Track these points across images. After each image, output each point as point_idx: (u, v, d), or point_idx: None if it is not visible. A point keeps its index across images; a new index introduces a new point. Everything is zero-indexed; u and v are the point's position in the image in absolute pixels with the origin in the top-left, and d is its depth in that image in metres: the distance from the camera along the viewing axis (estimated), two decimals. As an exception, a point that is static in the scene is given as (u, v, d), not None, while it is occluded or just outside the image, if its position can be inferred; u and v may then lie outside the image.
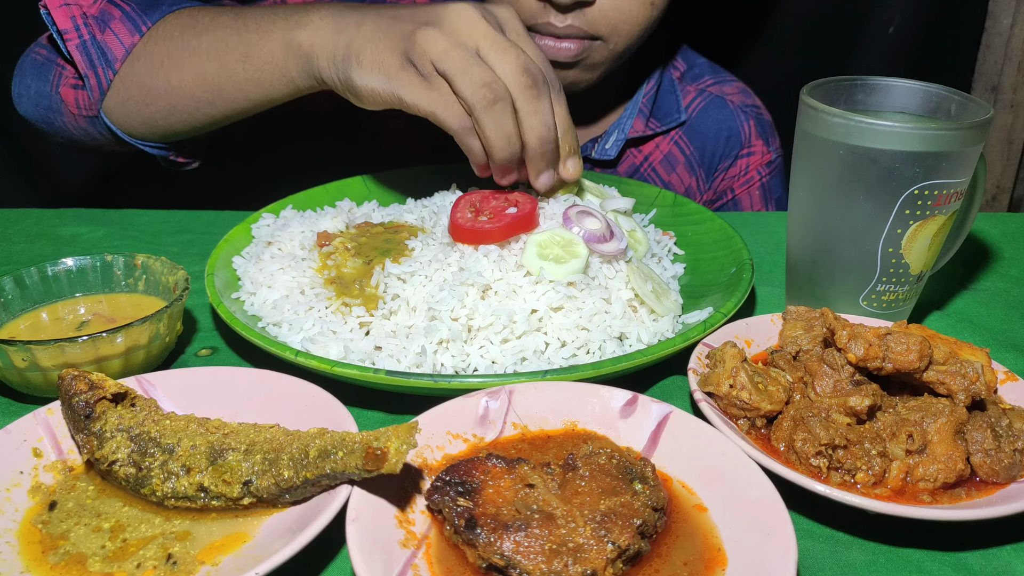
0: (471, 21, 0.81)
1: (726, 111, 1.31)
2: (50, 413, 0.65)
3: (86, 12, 1.00)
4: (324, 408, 0.65)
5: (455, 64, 0.79)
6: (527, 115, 0.82)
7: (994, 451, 0.63)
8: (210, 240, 1.05)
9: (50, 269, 0.81)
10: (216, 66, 0.94)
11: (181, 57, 0.97)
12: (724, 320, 0.76)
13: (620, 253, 0.84)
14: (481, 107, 0.79)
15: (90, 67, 1.00)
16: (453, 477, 0.56)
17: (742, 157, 1.32)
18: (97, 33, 1.00)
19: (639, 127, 1.27)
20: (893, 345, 0.66)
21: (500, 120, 0.80)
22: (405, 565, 0.52)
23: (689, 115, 1.30)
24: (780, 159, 1.35)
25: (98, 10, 1.01)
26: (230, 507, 0.59)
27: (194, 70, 0.96)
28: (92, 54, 0.99)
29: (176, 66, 0.97)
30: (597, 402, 0.67)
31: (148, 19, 1.00)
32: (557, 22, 1.04)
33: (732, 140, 1.31)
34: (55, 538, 0.57)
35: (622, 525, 0.53)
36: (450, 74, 0.79)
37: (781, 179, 1.36)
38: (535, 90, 0.81)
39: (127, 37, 0.99)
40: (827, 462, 0.62)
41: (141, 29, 1.00)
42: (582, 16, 1.05)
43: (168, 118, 1.01)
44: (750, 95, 1.35)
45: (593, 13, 1.05)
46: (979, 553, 0.60)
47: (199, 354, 0.82)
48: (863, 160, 0.75)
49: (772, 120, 1.35)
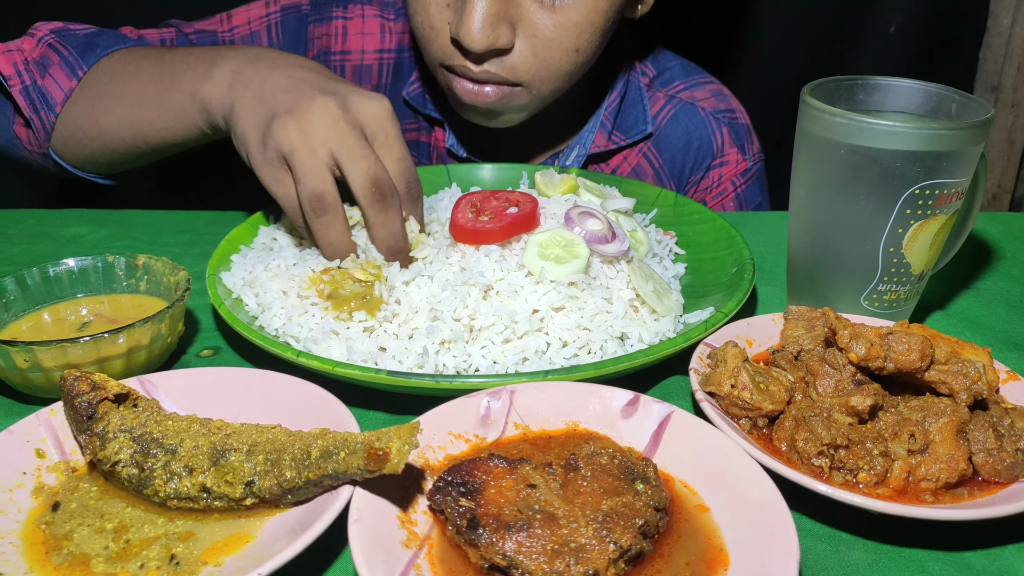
0: (327, 123, 0.79)
1: (696, 119, 1.25)
2: (52, 414, 0.65)
3: (27, 57, 1.05)
4: (326, 408, 0.65)
5: (296, 166, 0.79)
6: (374, 226, 0.82)
7: (996, 451, 0.63)
8: (211, 240, 1.05)
9: (52, 269, 0.81)
10: (137, 113, 0.99)
11: (109, 103, 1.01)
12: (725, 320, 0.76)
13: (622, 254, 0.84)
14: (309, 213, 0.80)
15: (33, 111, 1.04)
16: (455, 477, 0.56)
17: (714, 168, 1.26)
18: (38, 78, 1.04)
19: (601, 142, 1.22)
20: (895, 345, 0.66)
21: (327, 230, 0.81)
22: (407, 565, 0.52)
23: (657, 125, 1.25)
24: (759, 164, 1.29)
25: (39, 54, 1.05)
26: (233, 508, 0.59)
27: (119, 116, 1.01)
28: (34, 98, 1.04)
29: (105, 111, 1.01)
30: (599, 402, 0.67)
31: (84, 63, 1.04)
32: (473, 66, 1.00)
33: (703, 150, 1.25)
34: (58, 539, 0.57)
35: (624, 525, 0.53)
36: (293, 171, 0.80)
37: (760, 186, 1.30)
38: (382, 204, 0.81)
39: (65, 82, 1.04)
40: (829, 462, 0.62)
41: (78, 74, 1.04)
42: (500, 63, 1.00)
43: (106, 156, 1.06)
44: (724, 98, 1.29)
45: (512, 60, 1.00)
46: (981, 553, 0.60)
47: (201, 355, 0.82)
48: (864, 160, 0.75)
49: (749, 123, 1.30)
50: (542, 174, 1.06)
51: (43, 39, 1.06)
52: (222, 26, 1.21)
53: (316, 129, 0.79)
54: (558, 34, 0.98)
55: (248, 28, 1.22)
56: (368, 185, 0.79)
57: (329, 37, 1.23)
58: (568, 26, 0.98)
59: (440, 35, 1.01)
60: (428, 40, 1.02)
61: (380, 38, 1.24)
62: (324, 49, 1.23)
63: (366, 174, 0.79)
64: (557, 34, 0.98)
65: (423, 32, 1.02)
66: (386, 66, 1.25)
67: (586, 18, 0.99)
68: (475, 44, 0.95)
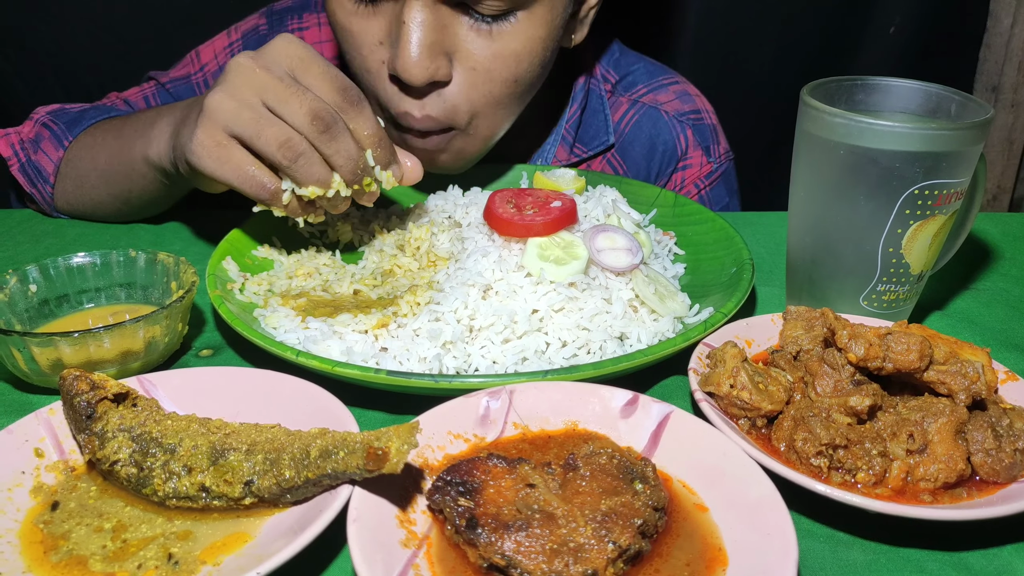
0: (245, 76, 0.78)
1: (660, 123, 1.23)
2: (52, 413, 0.65)
3: (23, 138, 1.10)
4: (325, 408, 0.65)
5: (246, 128, 0.77)
6: (330, 156, 0.80)
7: (995, 451, 0.63)
8: (211, 240, 1.06)
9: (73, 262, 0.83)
10: (114, 186, 1.03)
11: (90, 178, 1.05)
12: (724, 320, 0.76)
13: (633, 267, 0.83)
14: (287, 164, 0.78)
15: (31, 185, 1.09)
16: (454, 477, 0.56)
17: (677, 171, 1.24)
18: (32, 154, 1.08)
19: (563, 155, 1.20)
20: (893, 345, 0.66)
21: (308, 171, 0.79)
22: (406, 565, 0.52)
23: (621, 131, 1.22)
24: (727, 164, 1.27)
25: (34, 133, 1.10)
26: (231, 507, 0.59)
27: (102, 189, 1.05)
28: (30, 174, 1.08)
29: (90, 185, 1.06)
30: (598, 402, 0.67)
31: (70, 134, 1.08)
32: (415, 111, 0.94)
33: (668, 155, 1.23)
34: (56, 538, 0.57)
35: (623, 525, 0.53)
36: (245, 138, 0.78)
37: (727, 186, 1.28)
38: (329, 133, 0.78)
39: (53, 153, 1.08)
40: (828, 462, 0.62)
41: (64, 144, 1.08)
42: (440, 101, 0.94)
43: (109, 218, 1.11)
44: (690, 99, 1.26)
45: (451, 94, 0.94)
46: (980, 553, 0.60)
47: (200, 354, 0.82)
48: (863, 160, 0.75)
49: (716, 123, 1.27)
50: (550, 173, 1.06)
51: (38, 120, 1.10)
52: (193, 66, 1.24)
53: (239, 87, 0.78)
54: (496, 64, 0.93)
55: (216, 62, 1.23)
56: (308, 120, 0.77)
57: None
58: (506, 55, 0.93)
59: (378, 79, 0.95)
60: (370, 88, 0.97)
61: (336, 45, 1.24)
62: None
63: (300, 109, 0.77)
64: (495, 64, 0.93)
65: (363, 79, 0.97)
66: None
67: (524, 46, 0.94)
68: (414, 77, 0.89)
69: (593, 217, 0.93)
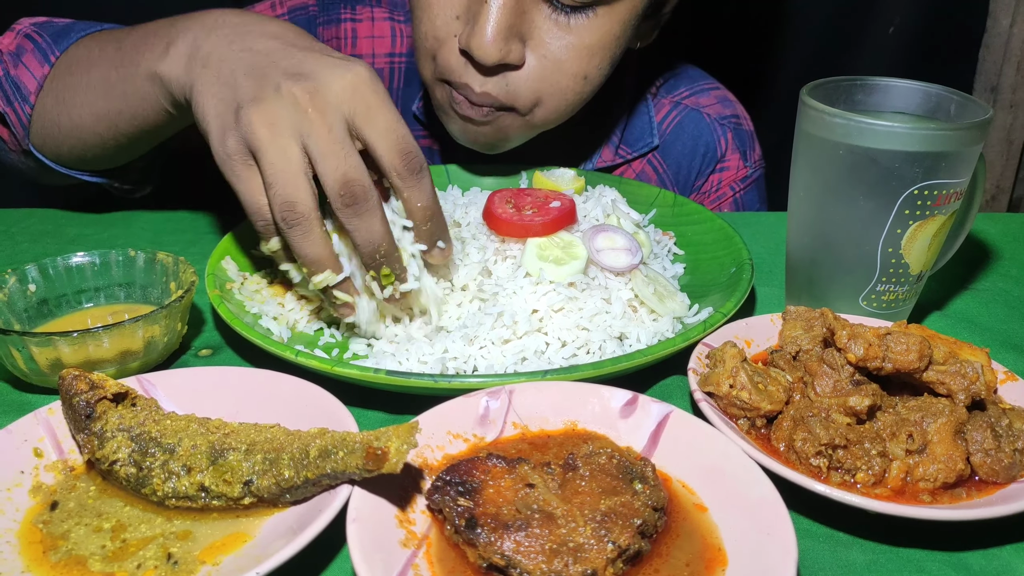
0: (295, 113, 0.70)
1: (702, 125, 1.24)
2: (51, 413, 0.65)
3: (2, 50, 0.98)
4: (325, 408, 0.65)
5: (265, 167, 0.70)
6: (351, 231, 0.73)
7: (994, 451, 0.63)
8: (211, 240, 1.06)
9: (72, 262, 0.82)
10: (105, 103, 0.91)
11: (77, 94, 0.93)
12: (724, 320, 0.76)
13: (633, 267, 0.83)
14: (280, 223, 0.71)
15: (7, 104, 0.97)
16: (453, 477, 0.56)
17: (715, 172, 1.26)
18: (11, 68, 0.97)
19: (608, 156, 1.21)
20: (893, 345, 0.66)
21: (301, 242, 0.72)
22: (406, 565, 0.52)
23: (663, 132, 1.23)
24: (759, 172, 1.28)
25: (15, 45, 0.98)
26: (231, 507, 0.59)
27: (88, 107, 0.92)
28: (7, 90, 0.97)
29: (75, 103, 0.94)
30: (597, 402, 0.67)
31: (57, 49, 0.97)
32: (476, 86, 0.94)
33: (708, 156, 1.24)
34: (55, 538, 0.57)
35: (622, 525, 0.53)
36: (262, 172, 0.71)
37: (759, 193, 1.29)
38: (352, 208, 0.71)
39: (37, 69, 0.97)
40: (827, 462, 0.62)
41: (50, 59, 0.97)
42: (504, 83, 0.95)
43: (86, 152, 0.97)
44: (729, 104, 1.28)
45: (517, 80, 0.95)
46: (979, 553, 0.60)
47: (200, 354, 0.82)
48: (863, 160, 0.75)
49: (752, 130, 1.29)
50: (549, 173, 1.06)
51: (21, 31, 1.00)
52: None
53: (284, 123, 0.70)
54: (569, 56, 0.95)
55: None
56: (337, 187, 0.70)
57: (339, 40, 1.22)
58: (580, 48, 0.95)
59: (444, 47, 0.95)
60: (431, 52, 0.97)
61: (391, 41, 1.22)
62: None
63: (334, 174, 0.70)
64: (567, 55, 0.95)
65: (426, 43, 0.97)
66: (397, 70, 1.23)
67: (599, 41, 0.95)
68: (487, 56, 0.90)
69: (592, 217, 0.93)
